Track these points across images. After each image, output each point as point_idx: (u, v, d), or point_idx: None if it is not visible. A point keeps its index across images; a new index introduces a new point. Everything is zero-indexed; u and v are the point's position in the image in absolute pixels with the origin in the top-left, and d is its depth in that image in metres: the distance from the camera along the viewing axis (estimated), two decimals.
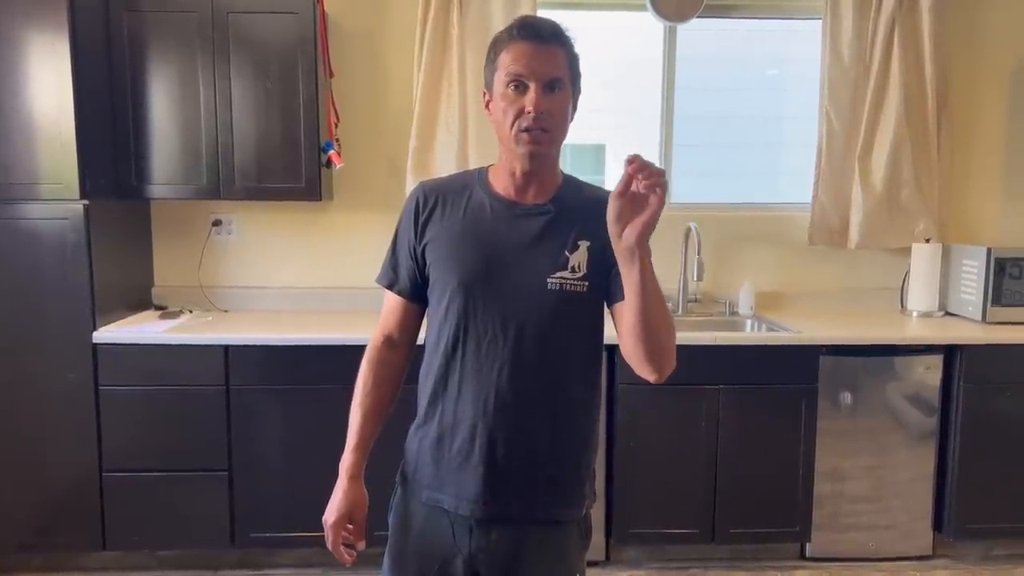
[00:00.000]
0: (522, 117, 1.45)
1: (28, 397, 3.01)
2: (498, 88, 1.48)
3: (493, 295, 1.49)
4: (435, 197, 1.58)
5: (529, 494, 1.54)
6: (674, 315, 3.55)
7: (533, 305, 1.49)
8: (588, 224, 1.51)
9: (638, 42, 3.91)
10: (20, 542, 3.11)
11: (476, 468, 1.51)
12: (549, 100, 1.45)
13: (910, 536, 3.28)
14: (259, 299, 3.60)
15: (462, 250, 1.52)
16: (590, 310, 1.55)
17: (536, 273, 1.49)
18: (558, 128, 1.49)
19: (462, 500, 1.52)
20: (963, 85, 3.65)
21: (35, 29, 2.87)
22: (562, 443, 1.55)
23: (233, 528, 3.09)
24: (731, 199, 3.89)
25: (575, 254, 1.50)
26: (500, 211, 1.54)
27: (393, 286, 1.63)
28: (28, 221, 2.95)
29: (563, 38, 1.48)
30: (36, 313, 2.98)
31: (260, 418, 3.06)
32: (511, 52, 1.46)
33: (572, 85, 1.51)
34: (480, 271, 1.50)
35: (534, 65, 1.44)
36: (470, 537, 1.53)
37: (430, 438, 1.56)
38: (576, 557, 1.62)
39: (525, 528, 1.54)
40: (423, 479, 1.57)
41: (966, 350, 3.15)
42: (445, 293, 1.52)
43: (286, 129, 3.21)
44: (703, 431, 3.12)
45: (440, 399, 1.55)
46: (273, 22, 3.16)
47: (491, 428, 1.50)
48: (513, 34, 1.47)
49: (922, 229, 3.59)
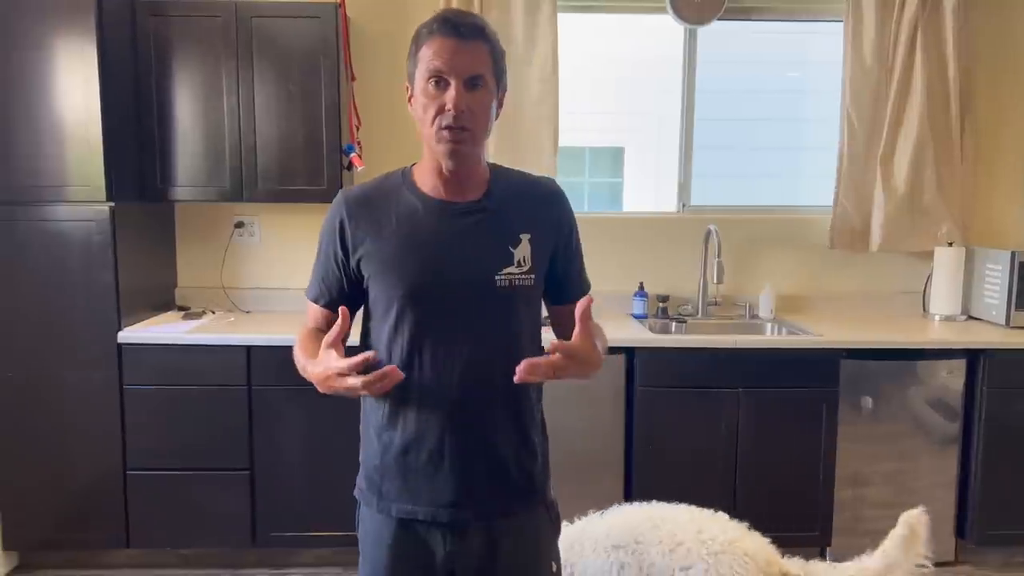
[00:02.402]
0: (442, 115, 1.41)
1: (54, 396, 3.06)
2: (419, 83, 1.44)
3: (443, 302, 1.47)
4: (361, 208, 1.52)
5: (502, 489, 1.54)
6: (694, 318, 3.57)
7: (485, 304, 1.48)
8: (526, 216, 1.52)
9: (658, 44, 3.91)
10: (45, 539, 3.16)
11: (448, 474, 1.50)
12: (470, 97, 1.41)
13: (932, 541, 3.24)
14: (281, 300, 3.63)
15: (404, 260, 1.47)
16: (535, 300, 1.57)
17: (483, 272, 1.48)
18: (479, 126, 1.45)
19: (439, 508, 1.51)
20: (987, 86, 3.62)
21: (64, 35, 2.92)
22: (524, 432, 1.56)
23: (254, 527, 3.12)
24: (751, 201, 3.88)
25: (518, 248, 1.50)
26: (434, 213, 1.49)
27: (321, 300, 1.59)
28: (56, 223, 3.00)
29: (485, 33, 1.44)
30: (62, 313, 3.03)
31: (281, 418, 3.08)
32: (431, 47, 1.42)
33: (496, 82, 1.48)
34: (427, 279, 1.47)
35: (455, 61, 1.40)
36: (445, 542, 1.52)
37: (394, 450, 1.52)
38: (548, 542, 1.63)
39: (498, 523, 1.54)
40: (391, 493, 1.54)
41: (990, 355, 3.12)
42: (392, 306, 1.48)
43: (308, 132, 3.24)
44: (723, 434, 3.11)
45: (400, 410, 1.51)
46: (296, 26, 3.19)
47: (457, 432, 1.49)
48: (434, 28, 1.42)
49: (945, 232, 3.56)
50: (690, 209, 3.77)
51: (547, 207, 1.57)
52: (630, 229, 3.69)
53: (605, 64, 5.18)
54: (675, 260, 3.68)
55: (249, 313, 3.57)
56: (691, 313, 3.63)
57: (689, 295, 3.67)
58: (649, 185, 6.32)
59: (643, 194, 6.74)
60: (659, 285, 3.64)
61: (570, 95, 3.58)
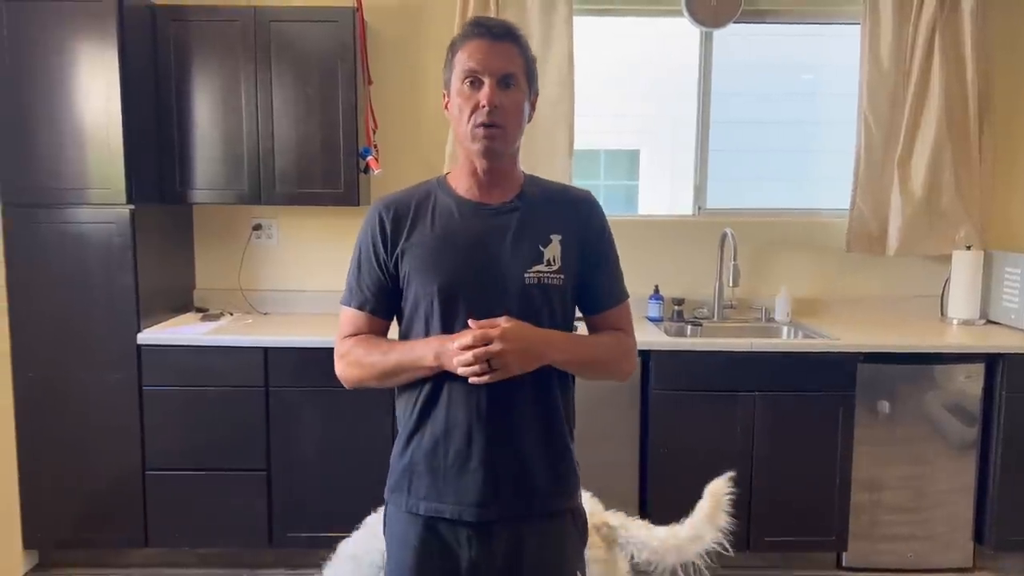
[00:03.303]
0: (477, 112, 1.46)
1: (74, 396, 3.09)
2: (455, 85, 1.51)
3: (476, 298, 1.50)
4: (398, 210, 1.56)
5: (528, 490, 1.55)
6: (709, 321, 3.56)
7: (515, 301, 1.50)
8: (557, 218, 1.55)
9: (674, 47, 3.91)
10: (65, 537, 3.19)
11: (475, 472, 1.52)
12: (503, 96, 1.47)
13: (950, 547, 3.22)
14: (298, 302, 3.66)
15: (439, 258, 1.51)
16: (565, 300, 1.58)
17: (514, 269, 1.51)
18: (512, 124, 1.49)
19: (465, 506, 1.52)
20: (1006, 89, 3.59)
21: (85, 40, 2.96)
22: (553, 432, 1.57)
23: (271, 527, 3.14)
24: (767, 204, 3.87)
25: (548, 248, 1.53)
26: (468, 213, 1.54)
27: (363, 305, 1.59)
28: (77, 225, 3.04)
29: (515, 35, 1.51)
30: (83, 314, 3.07)
31: (298, 419, 3.10)
32: (466, 50, 1.48)
33: (528, 84, 1.53)
34: (461, 276, 1.50)
35: (488, 60, 1.46)
36: (470, 544, 1.53)
37: (423, 448, 1.54)
38: (573, 549, 1.63)
39: (524, 525, 1.55)
40: (420, 491, 1.55)
41: (1009, 359, 3.10)
42: (427, 303, 1.52)
43: (326, 135, 3.27)
44: (738, 438, 3.10)
45: (431, 407, 1.53)
46: (314, 30, 3.22)
47: (485, 429, 1.51)
48: (467, 32, 1.50)
49: (963, 235, 3.53)
50: (706, 212, 3.76)
51: (578, 212, 1.60)
52: (645, 232, 3.69)
53: (621, 67, 5.19)
54: (691, 263, 3.67)
55: (267, 315, 3.60)
56: (707, 316, 3.62)
57: (705, 298, 3.66)
58: (665, 188, 6.32)
59: (658, 197, 6.75)
60: (675, 288, 3.63)
61: (586, 98, 3.58)
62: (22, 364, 3.08)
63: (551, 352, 1.50)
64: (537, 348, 1.47)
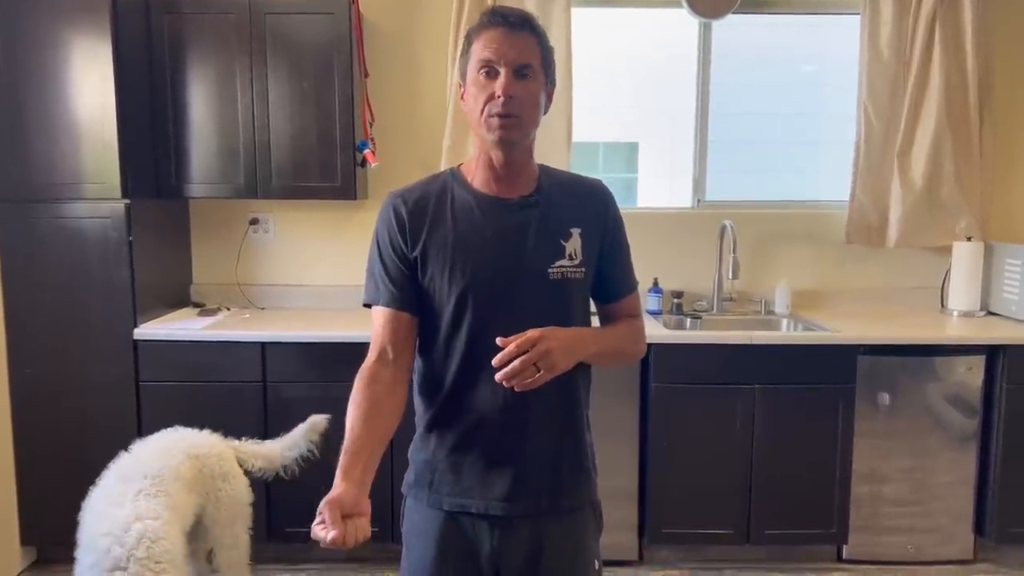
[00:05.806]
0: (492, 102, 1.44)
1: (71, 391, 3.08)
2: (471, 75, 1.48)
3: (501, 295, 1.49)
4: (415, 204, 1.52)
5: (553, 485, 1.55)
6: (709, 314, 3.55)
7: (539, 297, 1.50)
8: (576, 211, 1.55)
9: (672, 39, 3.89)
10: (62, 534, 3.18)
11: (502, 468, 1.52)
12: (519, 86, 1.44)
13: (951, 540, 3.22)
14: (295, 297, 3.64)
15: (462, 255, 1.49)
16: (586, 294, 1.58)
17: (538, 264, 1.50)
18: (528, 114, 1.47)
19: (491, 501, 1.52)
20: (1007, 79, 3.57)
21: (79, 33, 2.94)
22: (575, 427, 1.58)
23: (269, 523, 3.13)
24: (767, 196, 3.85)
25: (570, 242, 1.52)
26: (488, 209, 1.51)
27: (388, 303, 1.52)
28: (72, 220, 3.02)
29: (533, 25, 1.49)
30: (79, 309, 3.05)
31: (296, 414, 3.07)
32: (482, 40, 1.46)
33: (545, 75, 1.51)
34: (485, 273, 1.49)
35: (504, 50, 1.44)
36: (492, 536, 1.53)
37: (447, 445, 1.54)
38: (592, 542, 1.63)
39: (546, 520, 1.55)
40: (443, 487, 1.55)
41: (1009, 351, 3.09)
42: (452, 301, 1.49)
43: (322, 129, 3.25)
44: (738, 431, 3.09)
45: (455, 405, 1.53)
46: (309, 23, 3.20)
47: (512, 426, 1.51)
48: (484, 21, 1.47)
49: (963, 227, 3.52)
50: (705, 204, 3.75)
51: (594, 203, 1.59)
52: (644, 224, 3.66)
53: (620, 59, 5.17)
54: (690, 256, 3.66)
55: (264, 310, 3.58)
56: (706, 309, 3.61)
57: (704, 291, 3.65)
58: (664, 180, 6.30)
59: (658, 189, 6.73)
60: (674, 281, 3.62)
61: (584, 90, 3.56)
62: (18, 360, 3.07)
63: (587, 347, 1.50)
64: (575, 345, 1.46)
